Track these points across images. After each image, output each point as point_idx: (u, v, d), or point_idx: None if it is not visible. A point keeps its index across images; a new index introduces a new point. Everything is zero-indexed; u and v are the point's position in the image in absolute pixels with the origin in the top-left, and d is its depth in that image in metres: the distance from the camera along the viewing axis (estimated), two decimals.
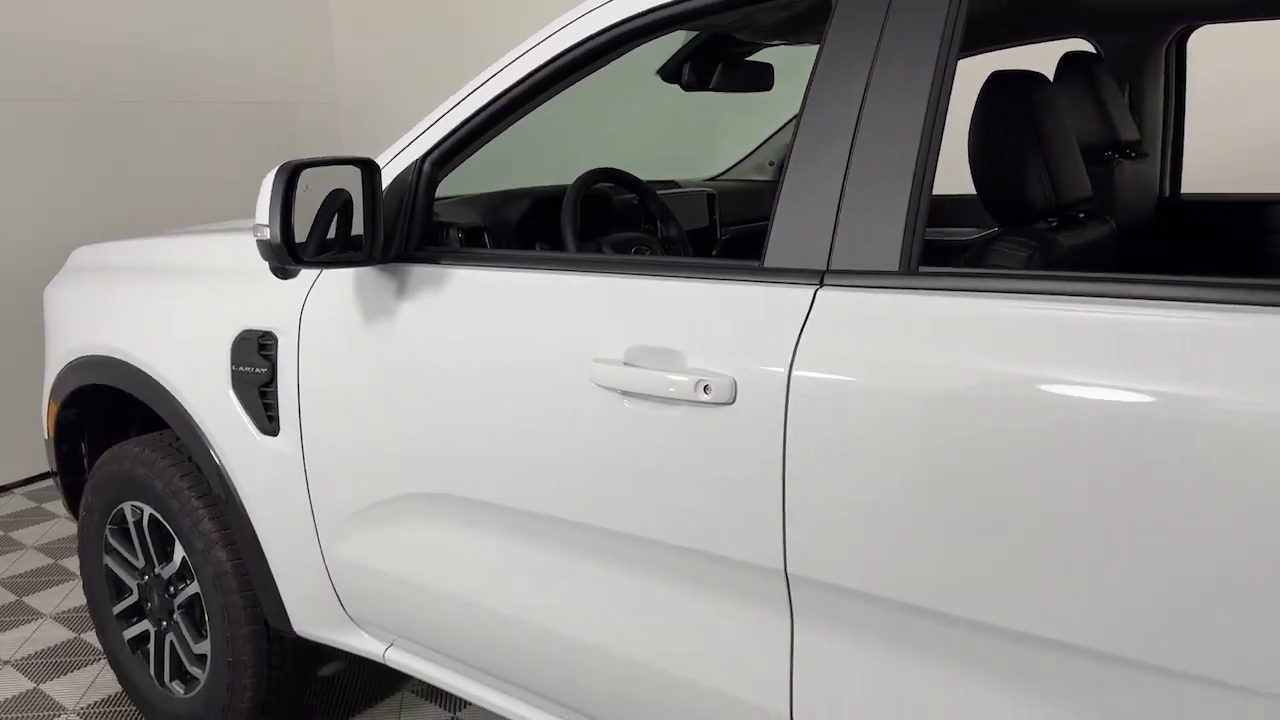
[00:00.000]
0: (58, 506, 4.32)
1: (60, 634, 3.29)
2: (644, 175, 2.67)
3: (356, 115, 5.64)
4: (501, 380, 1.76)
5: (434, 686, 2.97)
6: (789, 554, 1.46)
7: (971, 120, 1.74)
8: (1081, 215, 1.86)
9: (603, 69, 1.84)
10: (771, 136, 3.33)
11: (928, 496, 1.32)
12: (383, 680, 2.96)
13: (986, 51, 2.78)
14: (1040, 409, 1.23)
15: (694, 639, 1.60)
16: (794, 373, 1.42)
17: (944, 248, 2.78)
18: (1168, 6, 2.40)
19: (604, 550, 1.70)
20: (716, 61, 2.56)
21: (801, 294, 1.46)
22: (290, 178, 1.75)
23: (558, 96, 1.89)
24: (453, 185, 2.11)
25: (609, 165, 2.54)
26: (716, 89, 2.54)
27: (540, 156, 3.22)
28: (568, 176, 2.43)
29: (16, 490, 4.61)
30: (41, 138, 4.45)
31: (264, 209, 1.75)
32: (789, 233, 1.49)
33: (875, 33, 1.44)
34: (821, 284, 1.45)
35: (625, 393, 1.59)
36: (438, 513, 1.94)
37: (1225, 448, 1.10)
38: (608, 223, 2.52)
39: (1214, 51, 2.80)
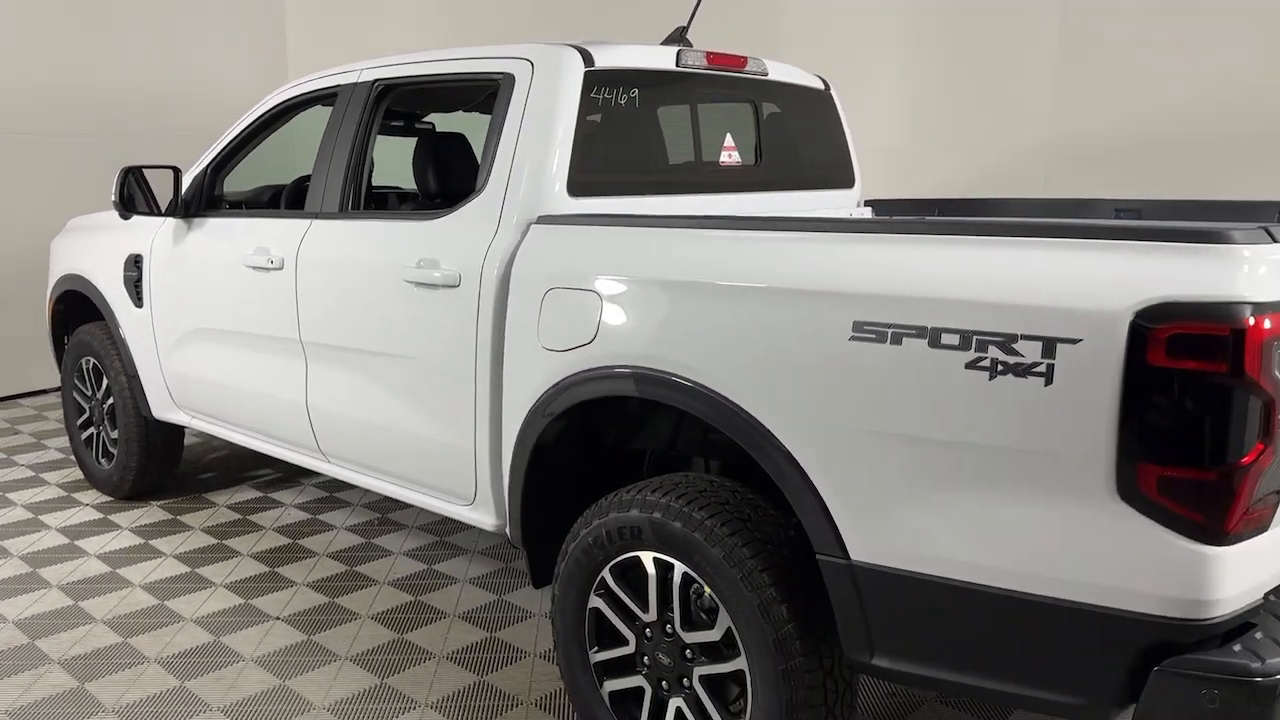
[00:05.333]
0: None
1: (57, 456, 5.43)
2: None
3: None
4: (215, 269, 3.80)
5: (267, 491, 5.00)
6: (302, 331, 3.45)
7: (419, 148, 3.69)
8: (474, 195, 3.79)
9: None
10: None
11: (335, 300, 3.29)
12: (233, 481, 5.02)
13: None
14: (343, 264, 3.21)
15: (278, 376, 3.60)
16: (299, 255, 3.42)
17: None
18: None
19: (259, 345, 3.70)
20: (412, 118, 4.56)
21: (308, 223, 3.46)
22: (125, 173, 3.84)
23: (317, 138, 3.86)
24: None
25: None
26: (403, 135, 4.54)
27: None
28: None
29: (54, 393, 6.84)
30: (54, 164, 6.67)
31: (113, 189, 3.85)
32: (312, 197, 3.50)
33: (340, 117, 3.45)
34: (316, 217, 3.45)
35: (253, 267, 3.60)
36: (202, 338, 3.98)
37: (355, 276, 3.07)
38: None
39: None
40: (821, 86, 3.71)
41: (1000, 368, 1.79)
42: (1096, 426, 1.71)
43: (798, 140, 3.63)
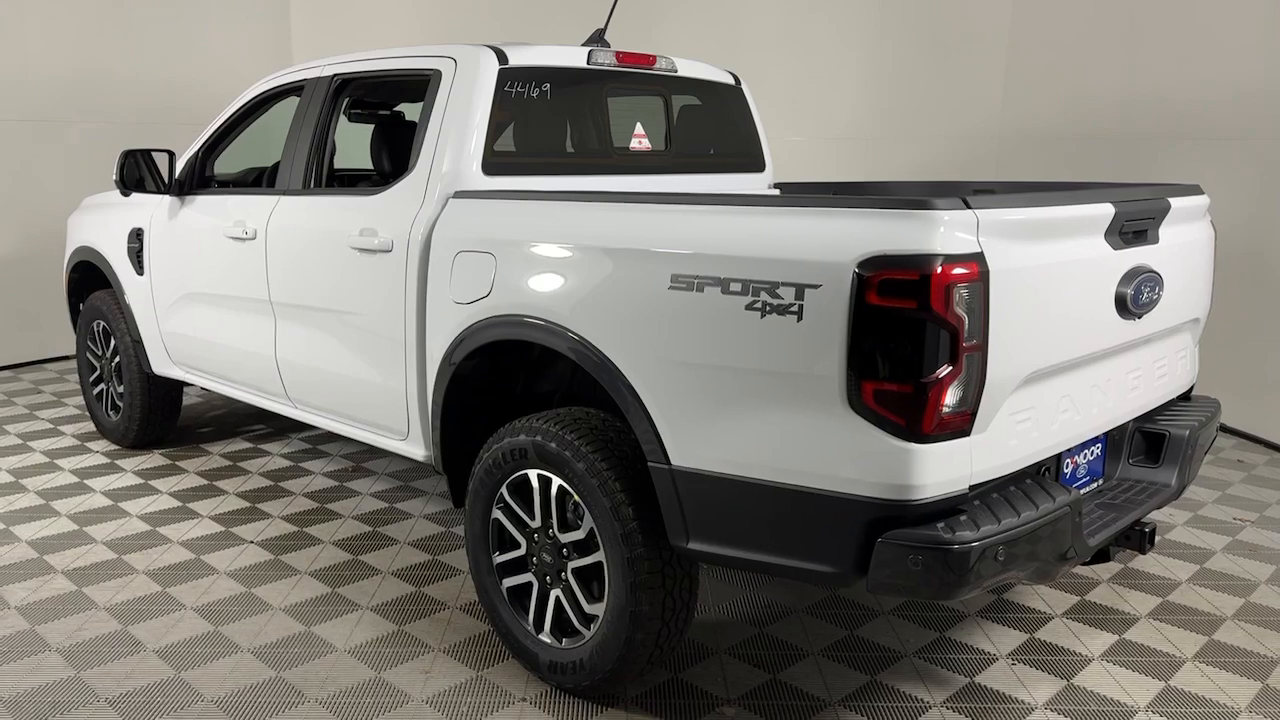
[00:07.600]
0: None
1: (74, 412, 6.04)
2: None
3: None
4: (203, 240, 4.35)
5: (257, 443, 5.56)
6: (271, 293, 3.99)
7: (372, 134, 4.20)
8: (407, 173, 4.28)
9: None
10: None
11: (297, 265, 3.82)
12: (228, 434, 5.60)
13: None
14: (304, 234, 3.74)
15: (253, 333, 4.14)
16: (269, 227, 3.96)
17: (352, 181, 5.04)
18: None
19: (238, 306, 4.25)
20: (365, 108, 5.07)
21: (276, 198, 3.99)
22: (126, 155, 4.39)
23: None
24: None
25: None
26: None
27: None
28: None
29: (74, 358, 7.45)
30: (75, 149, 7.27)
31: (114, 169, 4.40)
32: (282, 176, 4.03)
33: (305, 107, 3.97)
34: (284, 194, 3.99)
35: (232, 238, 4.14)
36: (193, 302, 4.53)
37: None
38: None
39: None
40: (732, 81, 4.19)
41: (768, 308, 2.29)
42: (832, 352, 2.20)
43: (708, 129, 4.11)
